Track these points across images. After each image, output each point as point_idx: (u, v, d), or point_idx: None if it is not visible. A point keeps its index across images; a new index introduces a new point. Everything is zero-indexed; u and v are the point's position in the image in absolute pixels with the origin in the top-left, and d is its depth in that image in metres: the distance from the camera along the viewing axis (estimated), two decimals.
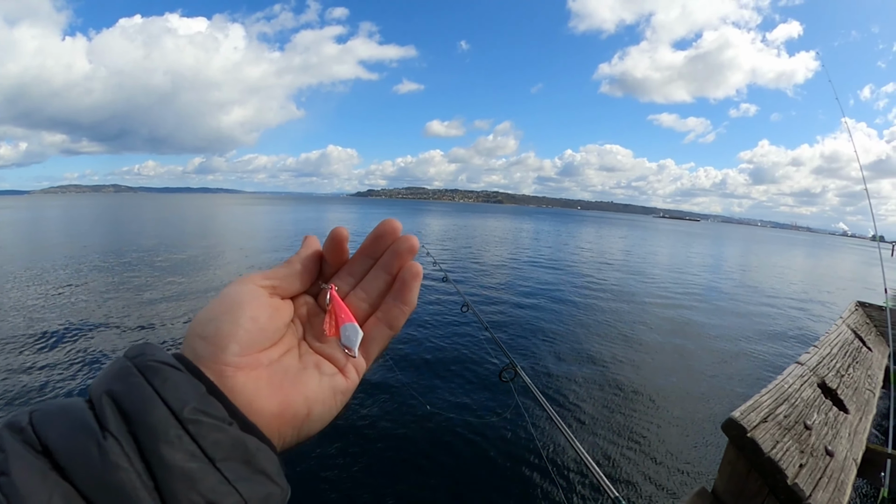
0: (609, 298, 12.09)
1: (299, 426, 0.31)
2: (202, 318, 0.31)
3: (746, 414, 1.74)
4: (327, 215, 58.65)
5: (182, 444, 0.23)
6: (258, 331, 0.32)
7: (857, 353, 3.66)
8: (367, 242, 0.39)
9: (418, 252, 0.39)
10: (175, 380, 0.26)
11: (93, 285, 11.02)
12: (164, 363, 0.26)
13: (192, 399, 0.25)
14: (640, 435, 4.88)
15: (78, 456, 0.21)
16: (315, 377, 0.34)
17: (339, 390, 0.35)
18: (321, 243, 0.40)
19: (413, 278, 0.37)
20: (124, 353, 0.28)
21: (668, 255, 28.95)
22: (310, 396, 0.32)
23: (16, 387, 5.36)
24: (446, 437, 4.57)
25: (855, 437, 2.36)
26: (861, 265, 37.56)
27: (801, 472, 1.66)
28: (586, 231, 52.89)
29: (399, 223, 0.38)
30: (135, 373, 0.25)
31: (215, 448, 0.24)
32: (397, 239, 0.38)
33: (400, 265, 0.38)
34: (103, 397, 0.24)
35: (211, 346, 0.30)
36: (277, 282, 0.36)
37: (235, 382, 0.29)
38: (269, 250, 19.25)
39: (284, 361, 0.33)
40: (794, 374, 2.39)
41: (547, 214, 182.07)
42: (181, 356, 0.29)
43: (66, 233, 26.42)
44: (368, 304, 0.38)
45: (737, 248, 45.80)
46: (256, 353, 0.31)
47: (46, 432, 0.22)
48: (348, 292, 0.39)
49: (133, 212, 56.03)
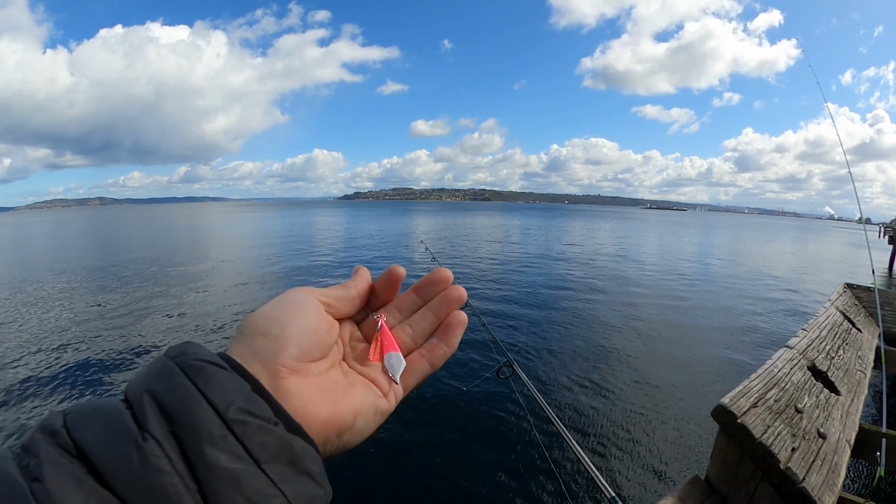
0: (601, 291, 12.20)
1: (343, 436, 0.32)
2: (265, 315, 0.32)
3: (736, 400, 1.73)
4: (316, 219, 58.42)
5: (227, 445, 0.22)
6: (318, 341, 0.33)
7: (847, 334, 3.68)
8: (420, 284, 0.42)
9: (417, 249, 0.38)
10: (220, 379, 0.25)
11: (84, 299, 10.88)
12: (207, 361, 0.26)
13: (238, 399, 0.25)
14: (633, 426, 4.93)
15: (116, 459, 0.20)
16: (364, 392, 0.35)
17: (381, 410, 0.36)
18: (371, 276, 0.42)
19: (459, 325, 0.40)
20: (165, 352, 0.27)
21: (658, 246, 29.25)
22: (357, 409, 0.33)
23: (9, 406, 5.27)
24: (443, 434, 4.57)
25: (847, 418, 2.35)
26: (848, 248, 38.13)
27: (794, 456, 1.64)
28: (576, 225, 53.25)
29: (451, 274, 0.42)
30: (177, 372, 0.25)
31: (261, 449, 0.23)
32: (448, 287, 0.41)
33: (448, 311, 0.41)
34: (144, 397, 0.23)
35: (272, 344, 0.30)
36: (333, 300, 0.37)
37: (291, 384, 0.29)
38: (262, 259, 19.10)
39: (332, 374, 0.35)
40: (784, 358, 2.39)
41: (535, 210, 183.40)
42: (225, 355, 0.29)
43: (55, 248, 26.13)
44: (412, 339, 0.41)
45: (724, 236, 46.32)
46: (309, 362, 0.32)
47: (82, 435, 0.21)
48: (394, 325, 0.41)
49: (120, 224, 55.48)
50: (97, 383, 5.90)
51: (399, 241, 26.94)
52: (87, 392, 5.71)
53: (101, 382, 5.93)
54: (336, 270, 15.07)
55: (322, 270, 15.26)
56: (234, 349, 0.30)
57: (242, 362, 0.28)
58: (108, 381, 5.99)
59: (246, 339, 0.30)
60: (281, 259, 18.28)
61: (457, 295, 0.41)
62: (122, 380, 6.04)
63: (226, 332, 8.25)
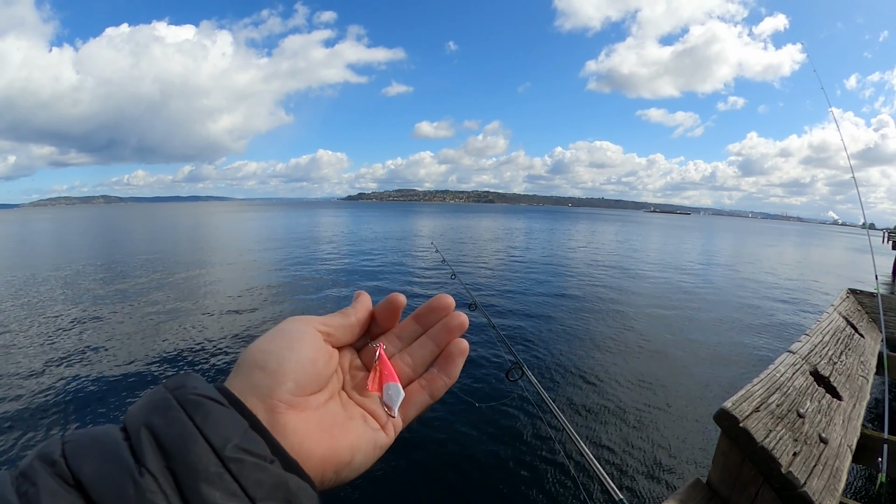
0: (606, 294, 12.20)
1: (340, 472, 0.32)
2: (263, 349, 0.31)
3: (738, 404, 1.73)
4: (320, 220, 58.46)
5: (223, 483, 0.22)
6: (315, 373, 0.33)
7: (850, 339, 3.67)
8: (420, 312, 0.42)
9: (430, 251, 0.39)
10: (217, 415, 0.25)
11: (83, 302, 10.92)
12: (205, 397, 0.26)
13: (235, 436, 0.24)
14: (636, 428, 4.94)
15: (112, 492, 0.20)
16: (361, 427, 0.35)
17: (379, 445, 0.36)
18: (372, 301, 0.42)
19: (459, 354, 0.40)
20: (163, 383, 0.27)
21: (662, 249, 29.20)
22: (355, 445, 0.33)
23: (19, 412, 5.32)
24: (452, 436, 4.59)
25: (849, 423, 2.35)
26: (851, 252, 37.96)
27: (796, 461, 1.65)
28: (580, 228, 53.19)
29: (452, 300, 0.41)
30: (175, 406, 0.25)
31: (256, 488, 0.23)
32: (450, 315, 0.41)
33: (448, 340, 0.40)
34: (142, 431, 0.23)
35: (270, 378, 0.30)
36: (332, 330, 0.37)
37: (288, 420, 0.29)
38: (268, 262, 19.11)
39: (330, 407, 0.34)
40: (786, 363, 2.39)
41: (539, 212, 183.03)
42: (224, 388, 0.28)
43: (59, 247, 26.20)
44: (412, 369, 0.40)
45: (728, 240, 46.21)
46: (307, 396, 0.32)
47: (80, 465, 0.21)
48: (394, 354, 0.41)
49: (125, 223, 55.58)
50: (93, 395, 5.85)
51: (405, 242, 26.94)
52: (81, 399, 5.68)
53: (98, 394, 5.88)
54: (342, 277, 14.70)
55: (328, 275, 15.10)
56: (232, 382, 0.30)
57: (240, 396, 0.28)
58: (105, 390, 5.97)
59: (243, 373, 0.30)
60: (286, 262, 18.32)
61: (457, 322, 0.40)
62: (119, 387, 6.02)
63: (224, 345, 7.95)
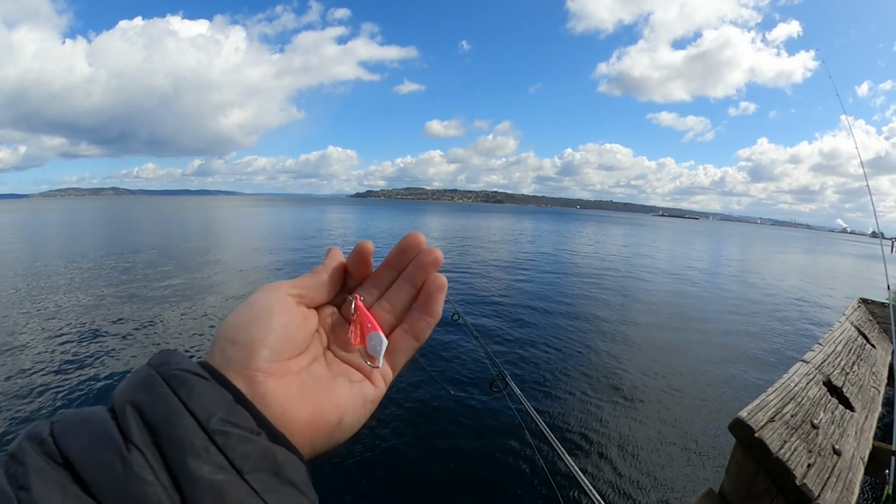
0: (608, 299, 12.03)
1: (330, 434, 0.31)
2: (233, 323, 0.31)
3: (754, 414, 1.73)
4: (327, 216, 58.48)
5: (209, 456, 0.22)
6: (289, 338, 0.32)
7: (861, 350, 3.65)
8: (392, 255, 0.39)
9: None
10: (201, 389, 0.25)
11: (99, 289, 11.02)
12: (189, 371, 0.26)
13: (220, 409, 0.24)
14: (645, 438, 4.82)
15: (100, 469, 0.21)
16: (345, 385, 0.34)
17: (369, 399, 0.35)
18: (345, 255, 0.40)
19: (438, 290, 0.38)
20: (148, 361, 0.27)
21: (669, 254, 28.93)
22: (341, 404, 0.32)
23: (26, 393, 5.37)
24: (434, 448, 4.46)
25: (861, 435, 2.34)
26: (861, 261, 37.56)
27: (810, 472, 1.64)
28: (587, 230, 52.71)
29: (423, 237, 0.39)
30: (160, 382, 0.25)
31: (243, 459, 0.23)
32: (422, 252, 0.38)
33: (424, 277, 0.38)
34: (127, 408, 0.23)
35: (243, 350, 0.29)
36: (304, 291, 0.36)
37: (268, 389, 0.28)
38: (276, 251, 19.20)
39: (314, 369, 0.33)
40: (800, 373, 2.38)
41: (547, 214, 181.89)
42: (206, 364, 0.28)
43: (68, 236, 26.43)
44: (394, 315, 0.39)
45: (737, 246, 45.76)
46: (286, 361, 0.31)
47: (68, 444, 0.22)
48: (373, 303, 0.39)
49: (135, 215, 55.98)
50: (89, 378, 5.86)
51: None
52: (76, 382, 5.70)
53: (95, 377, 5.90)
54: None
55: None
56: (211, 358, 0.29)
57: (221, 371, 0.28)
58: (102, 374, 5.99)
59: (218, 349, 0.30)
60: (292, 255, 18.34)
61: (431, 258, 0.38)
62: (116, 371, 6.05)
63: None
